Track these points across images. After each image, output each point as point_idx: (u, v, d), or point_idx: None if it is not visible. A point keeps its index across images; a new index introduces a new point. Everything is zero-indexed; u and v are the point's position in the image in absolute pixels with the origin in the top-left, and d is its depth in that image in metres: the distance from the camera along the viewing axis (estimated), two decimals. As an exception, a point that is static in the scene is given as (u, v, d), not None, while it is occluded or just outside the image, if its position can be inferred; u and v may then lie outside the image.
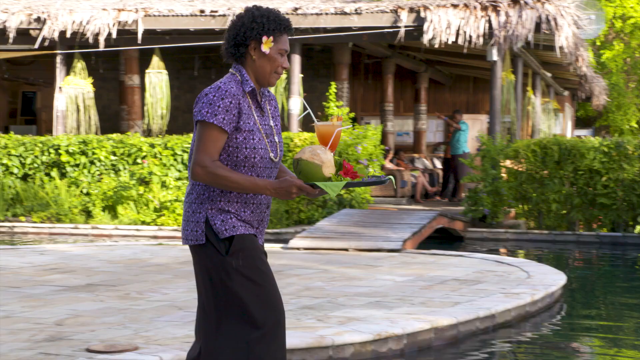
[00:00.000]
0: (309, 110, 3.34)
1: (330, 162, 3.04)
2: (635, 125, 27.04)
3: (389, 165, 17.25)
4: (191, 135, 14.03)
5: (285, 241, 11.49)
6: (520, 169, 14.88)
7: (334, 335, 5.46)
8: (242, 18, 3.18)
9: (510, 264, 9.51)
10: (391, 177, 3.16)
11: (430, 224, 12.88)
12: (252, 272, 3.11)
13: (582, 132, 27.87)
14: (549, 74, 20.20)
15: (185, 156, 13.62)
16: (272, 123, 3.25)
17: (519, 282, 8.09)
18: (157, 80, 15.98)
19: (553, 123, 21.11)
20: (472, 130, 19.67)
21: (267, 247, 10.93)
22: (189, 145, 13.50)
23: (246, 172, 3.14)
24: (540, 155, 14.60)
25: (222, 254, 3.11)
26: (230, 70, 3.23)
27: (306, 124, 16.36)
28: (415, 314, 6.24)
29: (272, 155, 3.20)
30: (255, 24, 3.15)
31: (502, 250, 13.20)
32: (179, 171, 13.60)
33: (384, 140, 18.15)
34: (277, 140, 3.24)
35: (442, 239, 13.88)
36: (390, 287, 7.74)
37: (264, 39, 3.14)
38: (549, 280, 8.24)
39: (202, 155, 3.06)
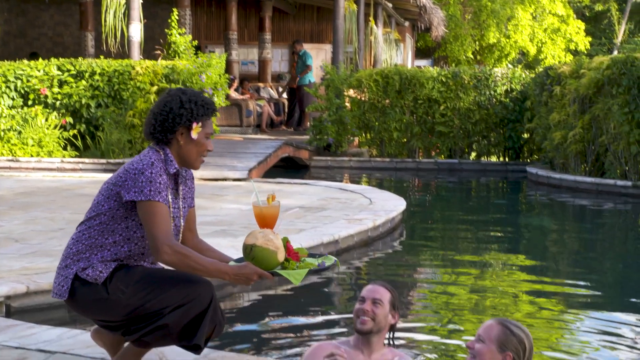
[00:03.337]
0: (256, 191, 3.25)
1: (282, 247, 3.04)
2: (471, 56, 28.02)
3: (234, 94, 17.09)
4: (24, 61, 13.34)
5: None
6: (363, 99, 15.16)
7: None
8: (169, 103, 3.07)
9: (353, 191, 9.73)
10: (336, 259, 3.21)
11: (276, 152, 12.95)
12: (138, 287, 3.02)
13: (422, 63, 28.62)
14: (390, 5, 20.51)
15: (19, 83, 12.93)
16: (181, 204, 3.17)
17: (362, 209, 8.30)
18: (-15, 2, 14.98)
19: (394, 53, 21.53)
20: (317, 59, 19.76)
21: (107, 177, 10.65)
22: (22, 72, 12.91)
23: (137, 249, 3.08)
24: (382, 84, 14.91)
25: (105, 297, 3.02)
26: (153, 146, 3.10)
27: (147, 52, 15.89)
28: (261, 241, 6.27)
29: None
30: (184, 110, 3.06)
31: (346, 177, 13.49)
32: (12, 99, 12.91)
33: (228, 69, 17.91)
34: (181, 223, 3.17)
35: (288, 168, 14.00)
36: (236, 215, 7.74)
37: (194, 125, 3.08)
38: (390, 205, 8.50)
39: (163, 235, 2.95)
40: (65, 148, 12.74)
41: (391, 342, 3.84)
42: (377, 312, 3.67)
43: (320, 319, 5.16)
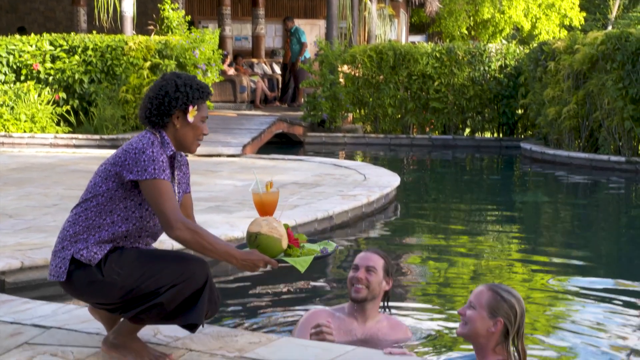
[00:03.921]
0: (257, 178, 3.27)
1: (285, 234, 3.06)
2: (466, 32, 27.92)
3: (228, 70, 17.02)
4: (16, 36, 13.24)
5: (122, 147, 11.19)
6: (357, 74, 15.11)
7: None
8: (164, 87, 3.08)
9: (347, 167, 9.73)
10: (336, 244, 3.23)
11: (270, 129, 12.93)
12: (133, 268, 3.02)
13: (416, 38, 28.51)
14: (385, -20, 20.41)
15: (11, 58, 12.85)
16: (176, 189, 3.18)
17: (356, 185, 8.31)
18: (-24, -23, 14.85)
19: (388, 29, 21.45)
20: (310, 35, 19.67)
21: (101, 153, 10.63)
22: (14, 47, 12.82)
23: (134, 230, 3.06)
24: (376, 60, 14.86)
25: (100, 279, 3.00)
26: (149, 130, 3.11)
27: (140, 27, 15.80)
28: (252, 217, 6.27)
29: None
30: (180, 94, 3.07)
31: (340, 153, 13.48)
32: (5, 75, 12.84)
33: (221, 44, 17.84)
34: None
35: (282, 144, 13.98)
36: (230, 191, 7.74)
37: (190, 108, 3.09)
38: (384, 181, 8.51)
39: (174, 212, 2.95)
40: (58, 124, 12.70)
41: (386, 309, 3.85)
42: (371, 279, 3.67)
43: (313, 291, 5.18)
